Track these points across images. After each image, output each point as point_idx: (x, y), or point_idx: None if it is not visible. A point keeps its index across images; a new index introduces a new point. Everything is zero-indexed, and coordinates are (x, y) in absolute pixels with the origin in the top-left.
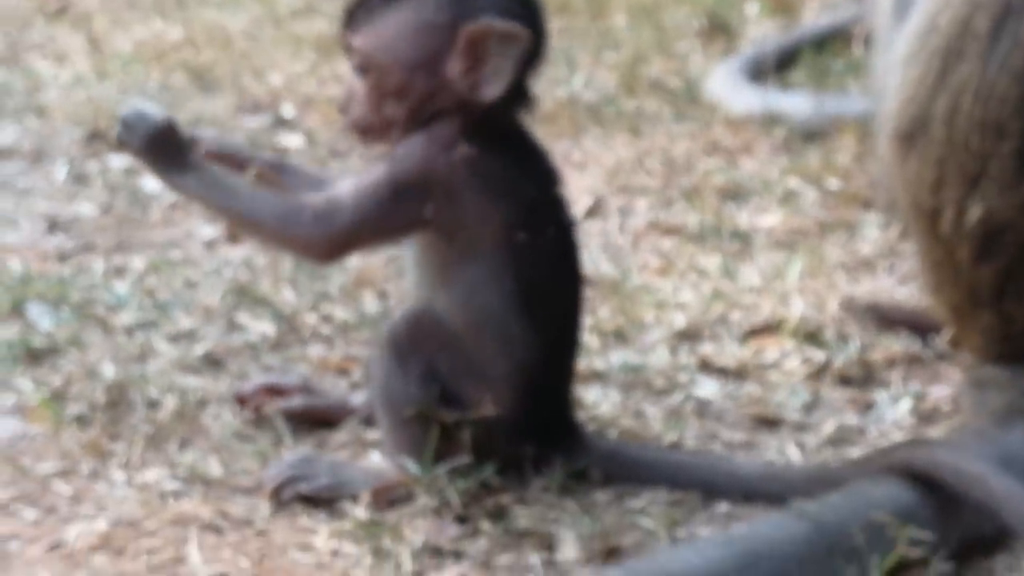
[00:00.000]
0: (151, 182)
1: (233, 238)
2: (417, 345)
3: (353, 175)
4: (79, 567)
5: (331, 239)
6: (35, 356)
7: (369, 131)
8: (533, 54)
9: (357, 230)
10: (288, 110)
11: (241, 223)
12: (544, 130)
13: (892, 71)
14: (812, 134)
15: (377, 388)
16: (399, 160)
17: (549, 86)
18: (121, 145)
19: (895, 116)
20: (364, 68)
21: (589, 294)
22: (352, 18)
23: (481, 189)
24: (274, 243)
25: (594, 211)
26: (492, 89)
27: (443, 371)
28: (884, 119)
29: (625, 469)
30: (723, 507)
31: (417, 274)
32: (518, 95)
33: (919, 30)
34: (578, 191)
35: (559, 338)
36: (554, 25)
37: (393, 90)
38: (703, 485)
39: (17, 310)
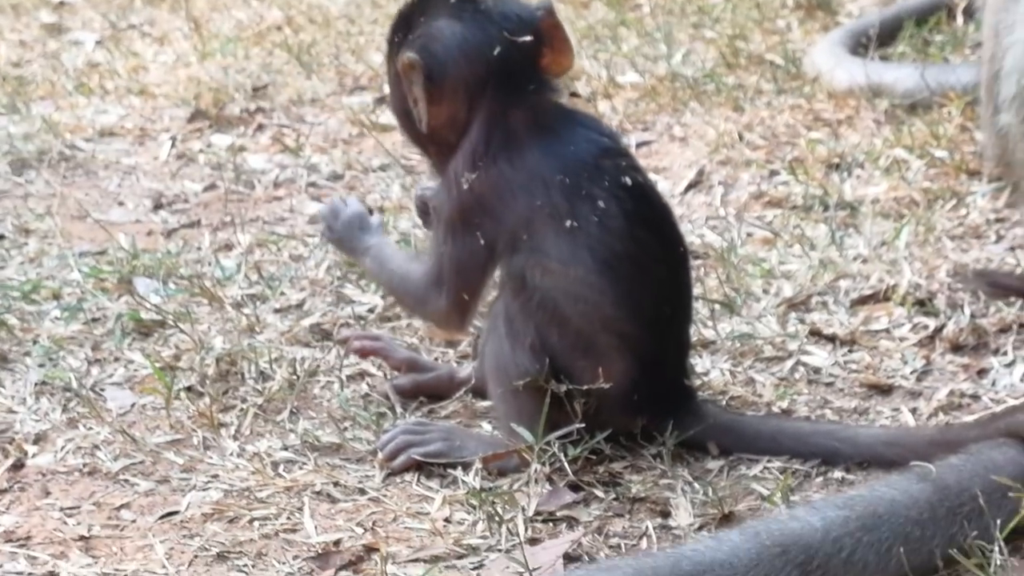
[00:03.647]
0: (255, 159)
1: None
2: (528, 319)
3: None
4: (193, 536)
5: (449, 309)
6: (144, 329)
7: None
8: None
9: (460, 287)
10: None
11: (397, 302)
12: (644, 106)
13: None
14: (915, 106)
15: (490, 359)
16: (440, 218)
17: (649, 63)
18: (323, 230)
19: None
20: None
21: (696, 264)
22: None
23: (503, 200)
24: (420, 319)
25: (697, 184)
26: (421, 119)
27: (553, 343)
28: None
29: (744, 441)
30: (837, 473)
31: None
32: (508, 100)
33: None
34: (680, 165)
35: (663, 307)
36: (652, 1)
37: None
38: (823, 453)
39: (125, 284)
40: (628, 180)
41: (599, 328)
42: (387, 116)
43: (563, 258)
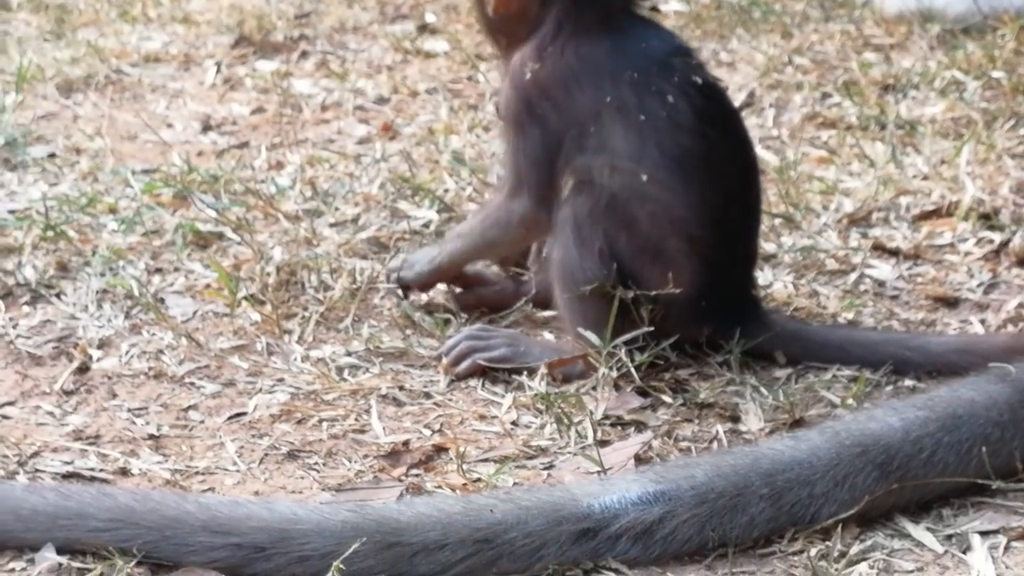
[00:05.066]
0: (301, 84)
1: (388, 133)
2: (596, 223)
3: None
4: (263, 435)
5: (535, 208)
6: (202, 242)
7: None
8: None
9: (539, 183)
10: (431, 16)
11: (487, 254)
12: (690, 33)
13: None
14: (968, 30)
15: (556, 266)
16: (506, 111)
17: None
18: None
19: None
20: None
21: None
22: None
23: (568, 91)
24: (513, 246)
25: (748, 106)
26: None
27: (620, 249)
28: None
29: (811, 350)
30: (908, 382)
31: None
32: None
33: None
34: (730, 88)
35: (732, 210)
36: None
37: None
38: (894, 362)
39: (180, 200)
40: (698, 79)
41: (668, 232)
42: (431, 43)
43: (632, 155)
